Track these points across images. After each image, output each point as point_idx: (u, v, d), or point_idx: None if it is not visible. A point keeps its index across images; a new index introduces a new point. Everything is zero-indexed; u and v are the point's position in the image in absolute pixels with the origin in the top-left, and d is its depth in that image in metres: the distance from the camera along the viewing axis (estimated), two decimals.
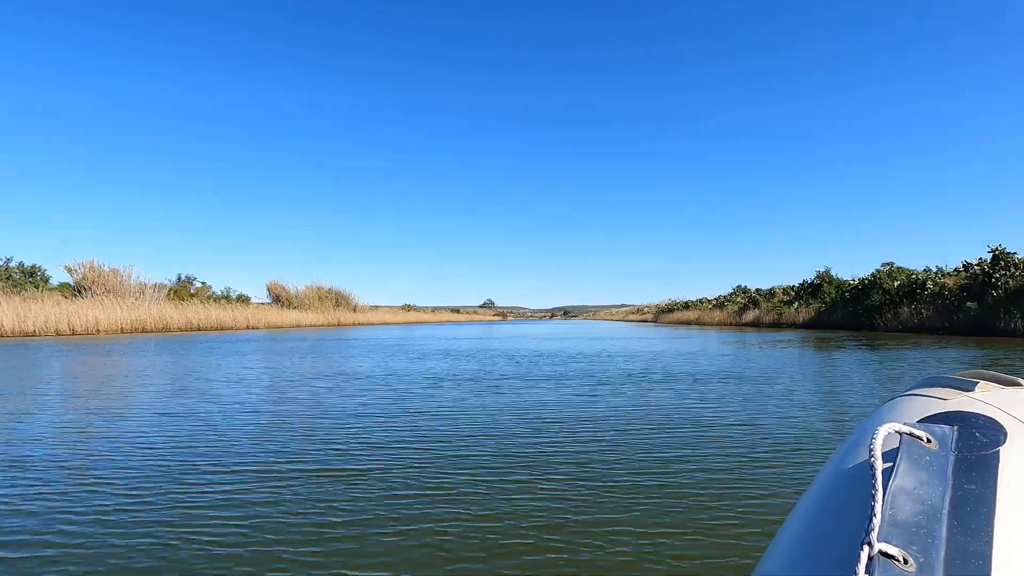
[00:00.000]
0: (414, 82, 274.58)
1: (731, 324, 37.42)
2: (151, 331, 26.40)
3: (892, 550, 0.36)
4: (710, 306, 45.63)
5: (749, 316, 35.89)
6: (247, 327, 33.47)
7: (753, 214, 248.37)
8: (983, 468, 0.44)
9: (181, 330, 28.11)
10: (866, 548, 0.36)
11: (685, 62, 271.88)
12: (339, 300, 54.53)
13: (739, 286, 45.47)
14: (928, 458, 0.45)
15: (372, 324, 50.32)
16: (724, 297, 44.86)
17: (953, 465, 0.44)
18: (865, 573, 0.34)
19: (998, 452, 0.46)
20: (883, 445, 0.44)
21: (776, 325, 31.24)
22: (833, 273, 31.19)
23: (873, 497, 0.39)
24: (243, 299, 42.79)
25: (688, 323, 44.76)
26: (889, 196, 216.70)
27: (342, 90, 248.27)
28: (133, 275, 30.70)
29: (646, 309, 72.95)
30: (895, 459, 0.44)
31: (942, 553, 0.36)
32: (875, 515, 0.37)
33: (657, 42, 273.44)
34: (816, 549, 0.42)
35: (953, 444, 0.47)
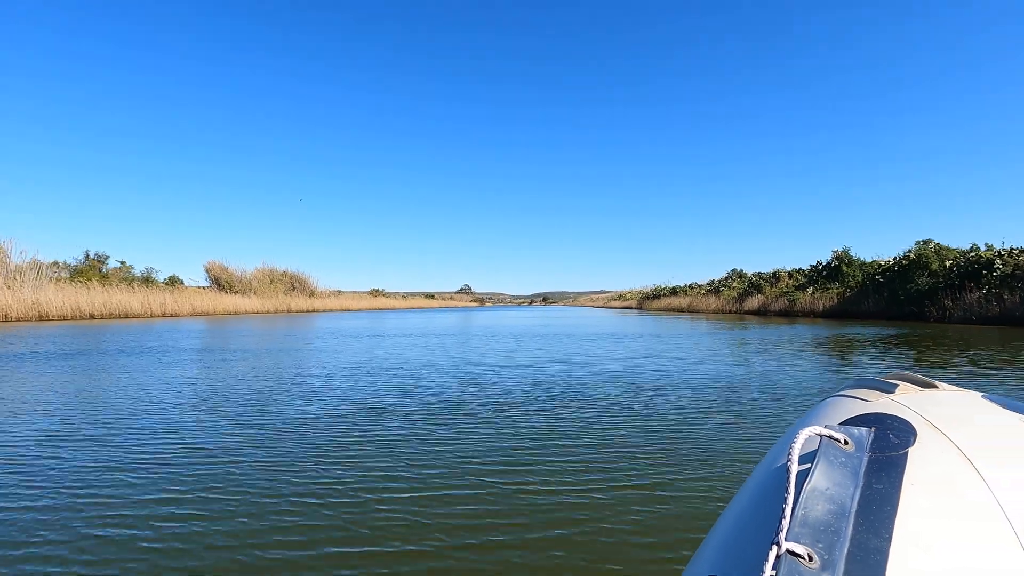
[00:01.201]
0: (385, 64, 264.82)
1: (730, 312, 32.64)
2: (17, 321, 20.37)
3: (799, 548, 0.37)
4: (702, 291, 40.87)
5: (752, 303, 31.12)
6: (163, 314, 27.44)
7: (740, 198, 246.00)
8: (892, 468, 0.45)
9: (63, 319, 22.06)
10: (774, 547, 0.36)
11: (672, 41, 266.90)
12: (295, 284, 48.44)
13: (734, 270, 40.80)
14: (843, 459, 0.46)
15: (330, 311, 44.59)
16: (719, 282, 40.09)
17: (866, 466, 0.46)
18: (772, 571, 0.35)
19: (907, 453, 0.47)
20: (805, 447, 0.46)
21: (787, 314, 26.46)
22: (852, 254, 26.52)
23: (785, 499, 0.40)
24: (175, 281, 36.56)
25: (679, 310, 39.97)
26: (890, 177, 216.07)
27: (311, 71, 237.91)
28: (15, 251, 24.45)
29: (629, 295, 68.10)
30: (814, 460, 0.45)
31: (845, 550, 0.38)
32: (785, 516, 0.39)
33: (639, 18, 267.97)
34: (737, 549, 0.43)
35: (868, 445, 0.48)
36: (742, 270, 40.49)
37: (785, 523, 0.38)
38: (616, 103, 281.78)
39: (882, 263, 23.23)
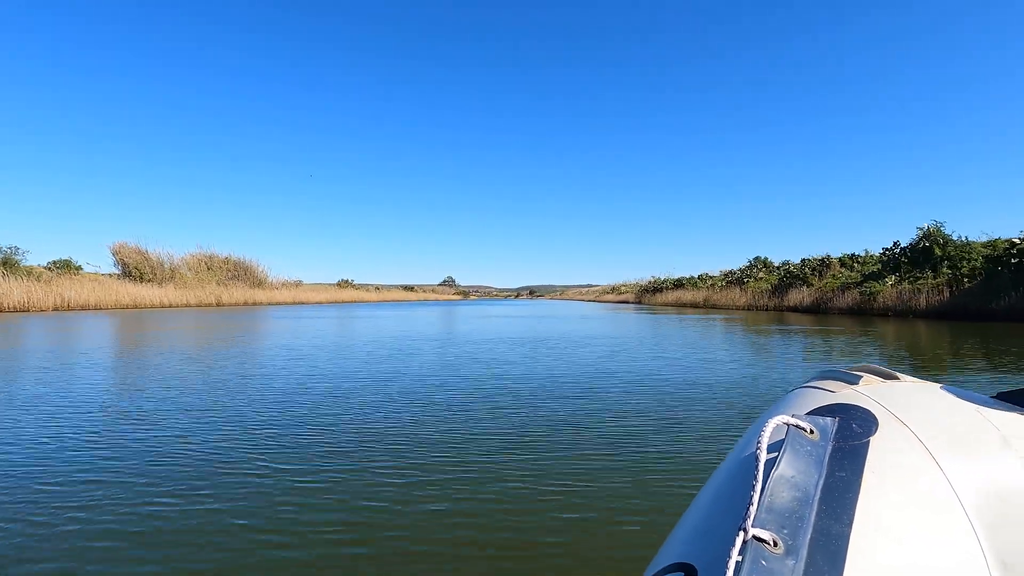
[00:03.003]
0: (369, 50, 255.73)
1: (765, 308, 25.26)
2: None
3: (765, 534, 0.37)
4: (720, 283, 33.45)
5: (797, 297, 23.73)
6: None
7: (732, 194, 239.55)
8: (854, 457, 0.46)
9: None
10: (741, 533, 0.37)
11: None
12: (238, 272, 40.25)
13: (757, 258, 33.45)
14: (808, 448, 0.47)
15: (279, 304, 36.57)
16: (741, 272, 32.65)
17: (829, 454, 0.46)
18: (738, 556, 0.36)
19: (868, 442, 0.48)
20: (772, 436, 0.46)
21: (862, 311, 19.05)
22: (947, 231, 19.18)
23: (753, 487, 0.40)
24: (68, 267, 28.38)
25: (693, 306, 32.56)
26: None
27: (288, 56, 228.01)
28: None
29: (623, 288, 60.50)
30: (781, 449, 0.45)
31: (808, 536, 0.38)
32: (752, 503, 0.39)
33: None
34: (706, 535, 0.43)
35: (832, 435, 0.49)
36: (767, 258, 33.24)
37: (752, 510, 0.38)
38: (610, 97, 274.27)
39: (1016, 242, 15.83)
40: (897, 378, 0.63)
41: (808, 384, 0.63)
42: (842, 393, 0.57)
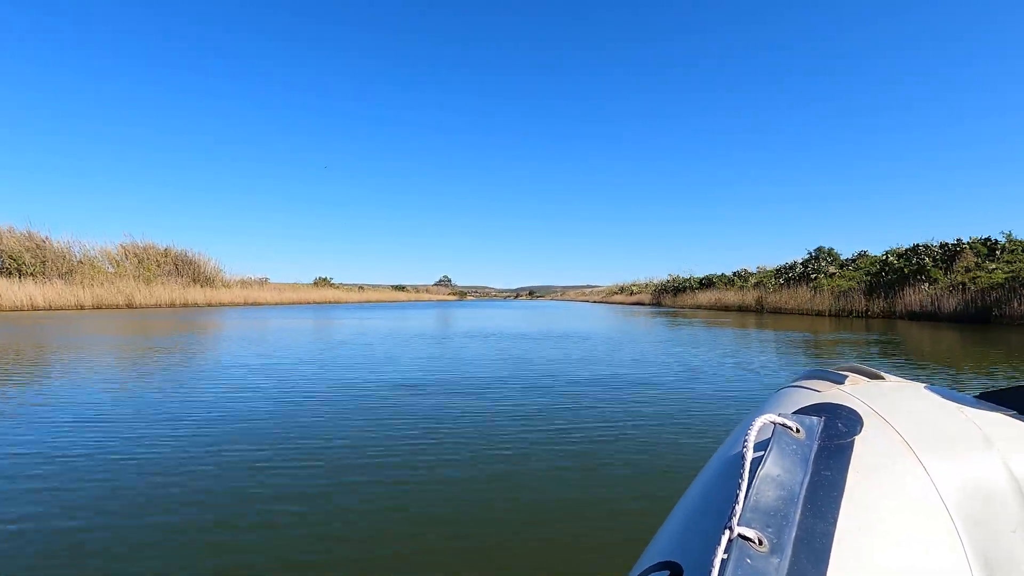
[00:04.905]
0: (369, 51, 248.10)
1: (863, 313, 17.71)
2: None
3: (750, 533, 0.37)
4: (773, 282, 25.80)
5: (925, 299, 16.13)
6: None
7: (726, 195, 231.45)
8: (839, 456, 0.46)
9: None
10: (727, 532, 0.36)
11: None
12: (180, 267, 32.62)
13: (821, 248, 25.88)
14: (794, 447, 0.46)
15: (219, 305, 29.10)
16: (805, 265, 24.97)
17: (815, 453, 0.46)
18: (724, 555, 0.35)
19: (853, 441, 0.48)
20: (759, 435, 0.46)
21: None
22: None
23: (739, 485, 0.40)
24: None
25: (740, 309, 25.04)
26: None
27: (285, 54, 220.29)
28: None
29: (635, 287, 52.81)
30: (767, 448, 0.45)
31: (793, 534, 0.38)
32: (738, 502, 0.39)
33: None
34: (692, 534, 0.43)
35: (818, 433, 0.49)
36: (832, 249, 25.67)
37: (738, 508, 0.38)
38: (610, 97, 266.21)
39: None
40: (882, 378, 0.62)
41: (795, 383, 0.62)
42: (828, 392, 0.56)
